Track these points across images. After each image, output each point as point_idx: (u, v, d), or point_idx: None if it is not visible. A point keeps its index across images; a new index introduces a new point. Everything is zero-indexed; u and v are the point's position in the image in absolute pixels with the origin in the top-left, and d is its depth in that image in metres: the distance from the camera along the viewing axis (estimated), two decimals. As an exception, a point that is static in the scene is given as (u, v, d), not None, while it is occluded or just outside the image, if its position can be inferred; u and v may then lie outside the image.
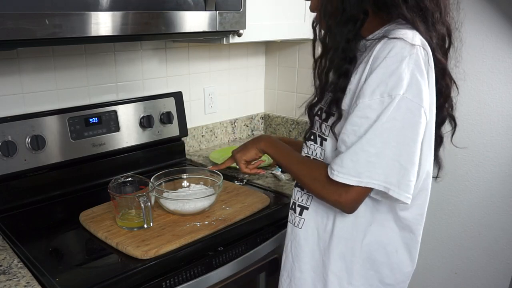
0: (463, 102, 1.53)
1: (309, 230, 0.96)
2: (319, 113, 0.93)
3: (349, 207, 0.85)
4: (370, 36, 0.84)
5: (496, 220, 1.54)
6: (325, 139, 0.91)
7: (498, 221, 1.53)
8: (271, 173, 1.56)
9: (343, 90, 0.84)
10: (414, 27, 0.80)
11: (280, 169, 1.55)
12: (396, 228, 0.91)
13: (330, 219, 0.93)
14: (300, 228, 0.98)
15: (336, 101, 0.85)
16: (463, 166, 1.56)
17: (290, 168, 0.97)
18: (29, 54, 1.32)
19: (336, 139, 0.86)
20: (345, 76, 0.83)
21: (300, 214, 0.98)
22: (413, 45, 0.76)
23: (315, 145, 0.94)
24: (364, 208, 0.88)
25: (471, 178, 1.56)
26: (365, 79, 0.79)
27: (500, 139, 1.47)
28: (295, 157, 0.98)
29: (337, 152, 0.85)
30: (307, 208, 0.96)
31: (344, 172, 0.80)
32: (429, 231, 1.70)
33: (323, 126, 0.91)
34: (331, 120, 0.88)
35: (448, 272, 1.70)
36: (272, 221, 1.27)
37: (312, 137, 0.95)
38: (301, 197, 0.98)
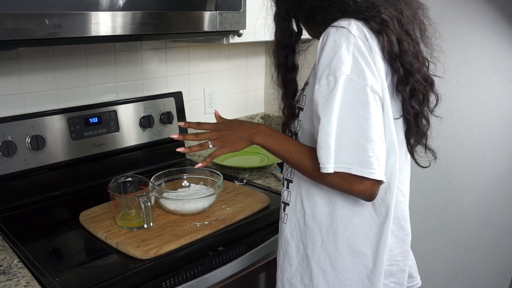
0: (463, 102, 1.53)
1: (292, 224, 0.99)
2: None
3: (360, 196, 0.84)
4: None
5: (496, 220, 1.54)
6: (296, 134, 0.94)
7: (498, 221, 1.53)
8: (271, 173, 1.56)
9: (292, 96, 0.96)
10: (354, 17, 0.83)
11: (280, 169, 1.55)
12: (376, 216, 0.89)
13: (308, 214, 0.94)
14: (285, 224, 1.00)
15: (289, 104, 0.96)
16: (463, 166, 1.56)
17: (295, 167, 0.92)
18: (29, 54, 1.32)
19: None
20: (289, 83, 0.96)
21: (284, 210, 1.00)
22: (349, 30, 0.79)
23: None
24: (343, 199, 0.89)
25: (471, 178, 1.56)
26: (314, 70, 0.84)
27: (500, 139, 1.47)
28: (294, 151, 0.90)
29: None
30: (288, 204, 0.99)
31: (323, 162, 0.80)
32: (429, 231, 1.70)
33: (296, 121, 0.95)
34: (301, 115, 0.93)
35: (448, 272, 1.70)
36: (272, 221, 1.26)
37: (289, 134, 0.98)
38: (283, 193, 1.01)
